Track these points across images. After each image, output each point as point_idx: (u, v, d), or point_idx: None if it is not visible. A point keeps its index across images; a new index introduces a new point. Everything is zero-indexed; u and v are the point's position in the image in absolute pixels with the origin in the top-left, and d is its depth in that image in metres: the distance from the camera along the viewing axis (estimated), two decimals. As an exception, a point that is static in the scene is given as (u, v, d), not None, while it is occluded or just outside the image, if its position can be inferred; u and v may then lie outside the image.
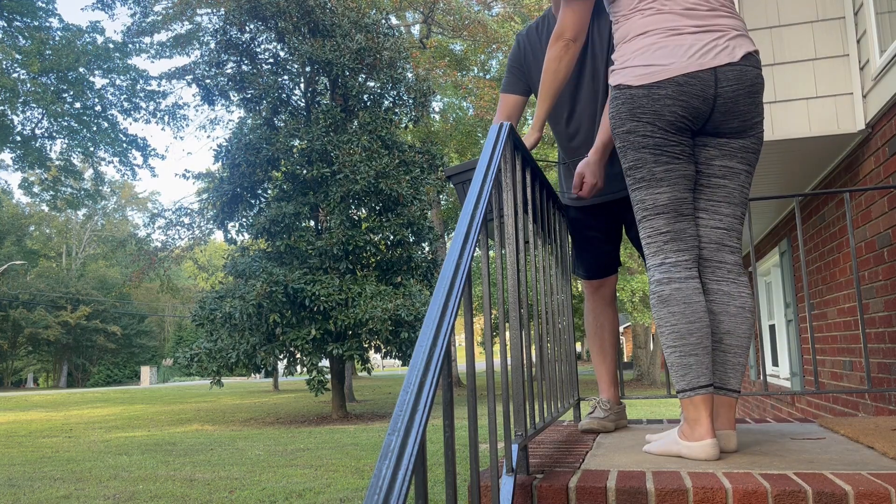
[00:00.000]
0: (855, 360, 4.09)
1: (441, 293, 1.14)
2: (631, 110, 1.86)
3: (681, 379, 1.81)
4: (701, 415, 1.77)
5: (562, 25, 2.08)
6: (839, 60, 3.60)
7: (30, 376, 47.62)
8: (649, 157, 1.86)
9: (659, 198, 1.87)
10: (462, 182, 2.14)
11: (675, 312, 1.81)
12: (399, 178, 13.34)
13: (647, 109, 1.84)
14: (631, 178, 1.90)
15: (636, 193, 1.90)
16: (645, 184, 1.88)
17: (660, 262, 1.87)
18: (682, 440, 1.80)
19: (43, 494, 5.95)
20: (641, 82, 1.84)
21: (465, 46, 22.57)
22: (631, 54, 1.88)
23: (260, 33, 14.47)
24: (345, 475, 6.41)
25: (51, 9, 17.73)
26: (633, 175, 1.89)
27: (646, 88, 1.83)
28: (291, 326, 12.61)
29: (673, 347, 1.82)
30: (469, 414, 1.28)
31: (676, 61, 1.84)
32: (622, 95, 1.86)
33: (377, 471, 0.80)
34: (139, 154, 20.04)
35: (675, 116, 1.85)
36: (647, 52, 1.86)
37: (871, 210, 3.56)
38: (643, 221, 1.90)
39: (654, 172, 1.87)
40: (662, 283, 1.85)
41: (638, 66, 1.86)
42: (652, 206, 1.88)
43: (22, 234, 45.28)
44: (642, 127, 1.85)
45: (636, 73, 1.85)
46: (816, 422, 2.49)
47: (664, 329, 1.83)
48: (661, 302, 1.84)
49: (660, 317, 1.84)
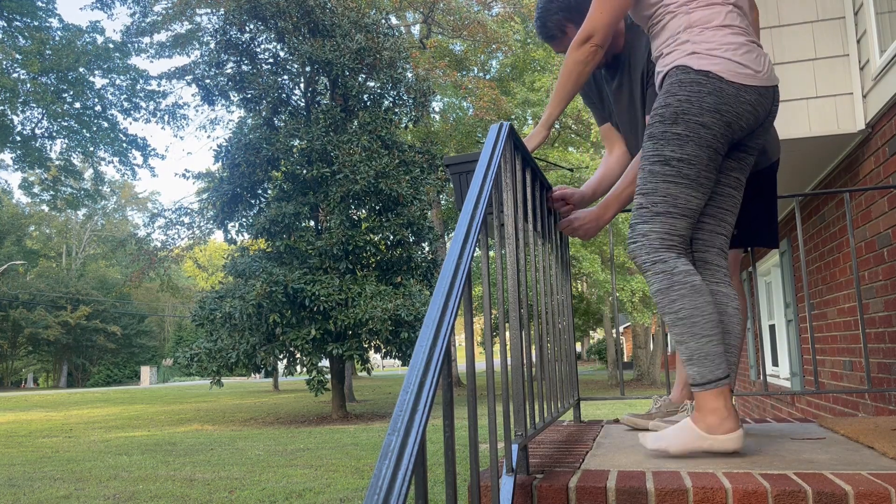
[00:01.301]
0: (855, 360, 4.09)
1: (441, 293, 1.14)
2: (716, 104, 1.75)
3: (714, 368, 1.75)
4: (728, 405, 1.76)
5: (592, 27, 1.93)
6: (839, 60, 3.60)
7: (30, 376, 47.62)
8: (705, 158, 1.78)
9: (692, 202, 1.80)
10: (460, 173, 2.11)
11: (710, 302, 1.78)
12: (399, 178, 13.34)
13: (731, 110, 1.76)
14: (672, 169, 1.78)
15: (670, 186, 1.78)
16: (686, 182, 1.78)
17: (677, 255, 1.82)
18: (710, 434, 1.75)
19: (43, 494, 5.95)
20: (735, 80, 1.76)
21: (465, 46, 22.57)
22: (720, 44, 1.78)
23: (260, 33, 14.47)
24: (345, 475, 6.41)
25: (51, 9, 17.73)
26: (677, 168, 1.77)
27: (736, 88, 1.76)
28: (291, 326, 12.62)
29: (708, 336, 1.76)
30: (469, 414, 1.28)
31: (763, 71, 1.80)
32: (710, 84, 1.75)
33: (377, 471, 0.80)
34: (139, 154, 20.05)
35: (744, 126, 1.81)
36: (739, 50, 1.79)
37: (871, 210, 3.56)
38: (665, 216, 1.80)
39: (700, 175, 1.79)
40: (691, 273, 1.78)
41: (732, 60, 1.77)
42: (683, 206, 1.80)
43: (22, 234, 45.27)
44: (718, 126, 1.76)
45: (730, 68, 1.76)
46: (816, 422, 2.49)
47: (699, 318, 1.76)
48: (697, 291, 1.77)
49: (696, 306, 1.76)
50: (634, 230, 1.84)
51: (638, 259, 1.84)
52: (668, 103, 1.78)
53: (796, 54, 3.65)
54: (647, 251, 1.81)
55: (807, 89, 3.61)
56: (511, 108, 19.59)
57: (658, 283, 1.80)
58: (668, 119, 1.78)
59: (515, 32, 22.29)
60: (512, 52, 21.40)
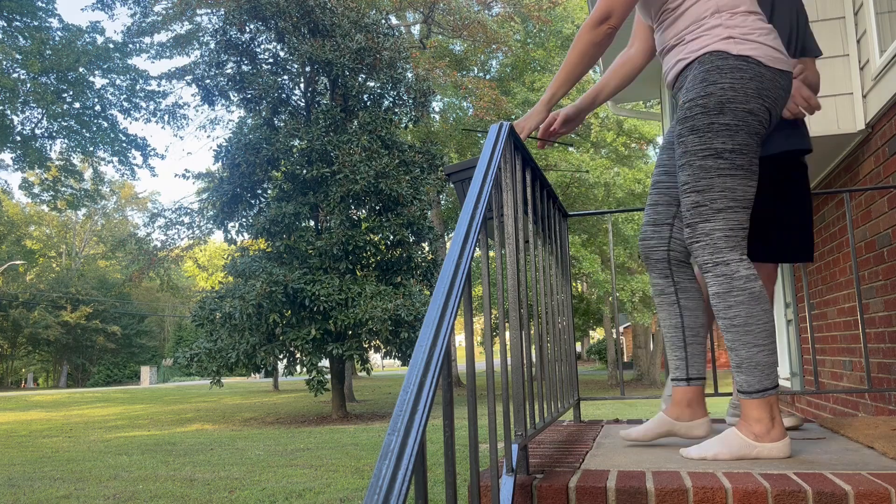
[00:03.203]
0: (855, 360, 4.09)
1: (441, 293, 1.14)
2: (759, 89, 1.70)
3: (763, 378, 1.72)
4: (775, 413, 1.74)
5: (610, 8, 1.84)
6: (839, 60, 3.60)
7: (29, 376, 47.61)
8: (755, 145, 1.72)
9: (749, 191, 1.74)
10: (462, 180, 2.13)
11: (767, 310, 1.74)
12: (399, 178, 13.34)
13: (771, 95, 1.73)
14: (726, 162, 1.71)
15: (727, 180, 1.71)
16: (742, 173, 1.72)
17: (740, 257, 1.75)
18: (759, 442, 1.73)
19: (43, 494, 5.95)
20: (773, 65, 1.73)
21: (465, 46, 22.57)
22: (752, 29, 1.74)
23: (260, 33, 14.47)
24: (345, 475, 6.41)
25: (51, 9, 17.73)
26: (731, 159, 1.71)
27: (774, 72, 1.73)
28: (291, 326, 12.62)
29: (763, 346, 1.73)
30: (469, 414, 1.27)
31: (788, 57, 1.79)
32: (750, 70, 1.70)
33: (377, 471, 0.80)
34: (139, 154, 20.05)
35: (779, 113, 1.79)
36: (769, 35, 1.76)
37: (871, 210, 3.56)
38: (727, 212, 1.72)
39: (753, 163, 1.73)
40: (752, 279, 1.73)
41: (767, 45, 1.73)
42: (742, 199, 1.73)
43: (22, 234, 45.26)
44: (762, 111, 1.72)
45: (767, 53, 1.72)
46: (816, 422, 2.49)
47: (753, 326, 1.72)
48: (755, 299, 1.72)
49: (752, 314, 1.72)
50: (696, 229, 1.76)
51: (700, 259, 1.78)
52: (710, 92, 1.70)
53: (796, 54, 3.65)
54: (711, 251, 1.74)
55: (807, 89, 3.61)
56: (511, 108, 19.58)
57: (717, 286, 1.75)
58: (714, 109, 1.70)
59: (515, 32, 22.29)
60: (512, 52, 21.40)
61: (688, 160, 1.75)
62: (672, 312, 2.00)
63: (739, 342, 1.73)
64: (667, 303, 2.01)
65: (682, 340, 2.00)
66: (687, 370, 1.99)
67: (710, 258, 1.75)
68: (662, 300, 2.02)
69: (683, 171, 1.77)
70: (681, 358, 2.00)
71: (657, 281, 2.03)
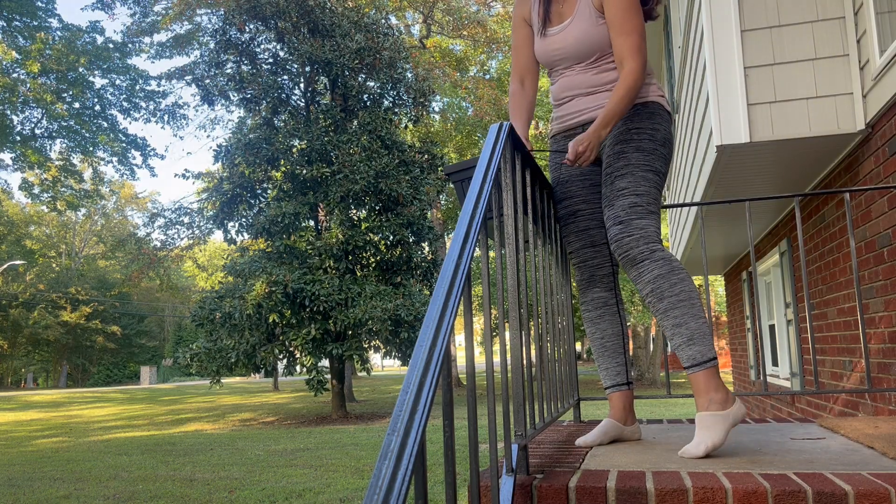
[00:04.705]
0: (855, 360, 4.09)
1: (441, 293, 1.14)
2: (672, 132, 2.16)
3: (711, 347, 1.93)
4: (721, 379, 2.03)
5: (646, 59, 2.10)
6: (839, 60, 3.60)
7: (29, 376, 47.61)
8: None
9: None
10: (462, 180, 2.13)
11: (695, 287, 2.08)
12: (399, 177, 13.34)
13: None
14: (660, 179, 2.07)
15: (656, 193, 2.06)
16: (660, 191, 2.13)
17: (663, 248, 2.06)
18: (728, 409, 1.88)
19: (43, 494, 5.95)
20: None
21: (465, 46, 22.57)
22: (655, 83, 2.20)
23: (259, 33, 14.47)
24: (345, 475, 6.41)
25: (51, 9, 17.73)
26: (660, 180, 2.08)
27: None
28: (291, 326, 12.61)
29: (704, 317, 1.98)
30: (469, 414, 1.27)
31: None
32: (669, 118, 2.14)
33: (377, 471, 0.80)
34: (139, 154, 20.05)
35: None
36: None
37: (871, 210, 3.56)
38: (655, 215, 2.04)
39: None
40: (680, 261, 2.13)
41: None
42: (658, 210, 2.09)
43: (22, 234, 45.25)
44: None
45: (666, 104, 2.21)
46: (816, 422, 2.49)
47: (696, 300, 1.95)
48: (689, 277, 2.00)
49: (692, 289, 1.95)
50: (630, 224, 1.98)
51: (634, 250, 1.97)
52: (657, 128, 2.10)
53: (796, 54, 3.65)
54: (646, 241, 1.97)
55: (807, 89, 3.61)
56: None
57: (659, 269, 1.95)
58: (659, 141, 2.08)
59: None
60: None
61: (630, 171, 2.05)
62: (614, 322, 2.24)
63: (689, 315, 1.91)
64: (609, 314, 2.24)
65: (622, 347, 2.22)
66: (627, 375, 2.21)
67: (645, 247, 1.97)
68: (605, 312, 2.24)
69: (623, 178, 2.04)
70: (621, 364, 2.21)
71: (601, 294, 2.24)
